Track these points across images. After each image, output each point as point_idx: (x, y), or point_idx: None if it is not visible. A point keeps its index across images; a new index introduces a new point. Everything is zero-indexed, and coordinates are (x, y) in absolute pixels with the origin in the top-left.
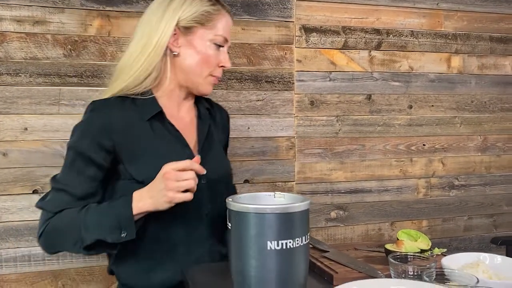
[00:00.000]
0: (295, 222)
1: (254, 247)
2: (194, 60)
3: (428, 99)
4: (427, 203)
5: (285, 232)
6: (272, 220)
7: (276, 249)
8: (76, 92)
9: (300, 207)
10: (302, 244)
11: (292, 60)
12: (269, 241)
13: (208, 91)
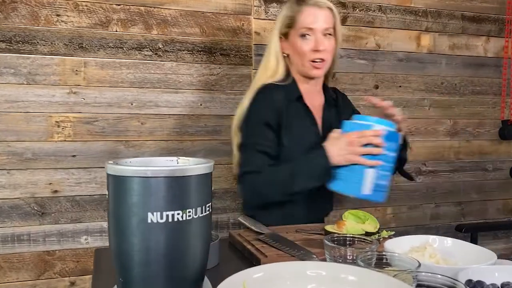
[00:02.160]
0: (187, 188)
1: (133, 220)
2: (294, 55)
3: (395, 79)
4: (392, 189)
5: (172, 201)
6: (155, 186)
7: (160, 222)
8: (4, 59)
9: (195, 170)
10: (196, 217)
11: (250, 32)
12: (151, 212)
13: (315, 74)
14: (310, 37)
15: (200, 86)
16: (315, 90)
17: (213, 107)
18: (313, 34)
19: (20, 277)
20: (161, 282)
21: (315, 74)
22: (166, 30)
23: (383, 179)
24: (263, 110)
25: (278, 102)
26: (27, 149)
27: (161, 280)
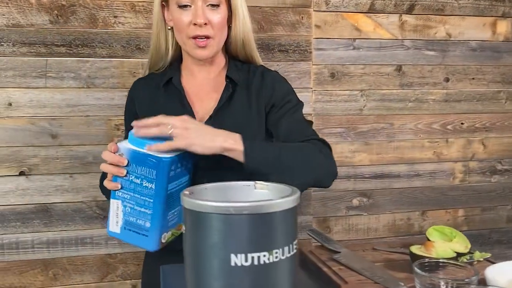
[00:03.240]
0: (274, 227)
1: (214, 262)
2: (175, 28)
3: (468, 71)
4: (464, 190)
5: (257, 242)
6: (238, 225)
7: (244, 266)
8: (65, 63)
9: (282, 204)
10: (284, 258)
11: (310, 25)
12: (234, 254)
13: (198, 55)
14: (190, 7)
15: None
16: (213, 71)
17: None
18: (193, 4)
19: (84, 279)
20: None
21: (199, 54)
22: None
23: (138, 216)
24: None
25: (137, 92)
26: (88, 153)
27: None
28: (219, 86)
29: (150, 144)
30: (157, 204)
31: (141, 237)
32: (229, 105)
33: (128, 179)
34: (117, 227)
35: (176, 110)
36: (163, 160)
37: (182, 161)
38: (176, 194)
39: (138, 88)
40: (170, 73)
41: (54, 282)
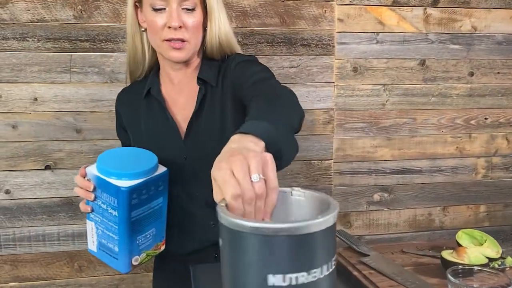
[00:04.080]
0: (312, 246)
1: (251, 281)
2: (148, 30)
3: (493, 65)
4: (486, 185)
5: (296, 263)
6: (276, 246)
7: (282, 286)
8: (89, 58)
9: (320, 224)
10: (322, 276)
11: (333, 19)
12: (272, 274)
13: (173, 57)
14: (165, 10)
15: (279, 79)
16: (189, 73)
17: None
18: (168, 6)
19: (109, 271)
20: None
21: (174, 57)
22: (245, 22)
23: (108, 240)
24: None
25: (122, 107)
26: (112, 147)
27: None
28: (195, 89)
29: (117, 173)
30: (122, 230)
31: (112, 259)
32: (204, 107)
33: (97, 203)
34: (94, 247)
35: (159, 122)
36: (121, 190)
37: (149, 186)
38: (146, 218)
39: (122, 101)
40: (149, 83)
41: (80, 274)
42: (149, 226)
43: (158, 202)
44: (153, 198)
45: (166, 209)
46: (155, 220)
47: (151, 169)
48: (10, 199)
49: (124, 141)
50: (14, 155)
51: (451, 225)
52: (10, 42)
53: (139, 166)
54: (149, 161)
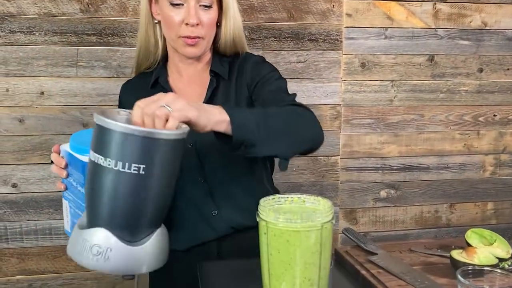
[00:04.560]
0: (111, 140)
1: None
2: (164, 24)
3: (503, 61)
4: (494, 183)
5: (100, 146)
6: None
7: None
8: (95, 52)
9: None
10: (115, 169)
11: (341, 14)
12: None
13: (188, 53)
14: (182, 6)
15: (286, 74)
16: (200, 67)
17: (300, 97)
18: (186, 3)
19: None
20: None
21: (189, 52)
22: (252, 16)
23: (77, 218)
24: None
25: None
26: None
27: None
28: (204, 81)
29: (85, 148)
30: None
31: None
32: (214, 99)
33: (69, 181)
34: (68, 227)
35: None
36: (87, 165)
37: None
38: None
39: (126, 91)
40: (157, 73)
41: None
42: None
43: None
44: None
45: None
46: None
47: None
48: (17, 193)
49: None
50: (21, 149)
51: (458, 223)
52: (17, 35)
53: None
54: None
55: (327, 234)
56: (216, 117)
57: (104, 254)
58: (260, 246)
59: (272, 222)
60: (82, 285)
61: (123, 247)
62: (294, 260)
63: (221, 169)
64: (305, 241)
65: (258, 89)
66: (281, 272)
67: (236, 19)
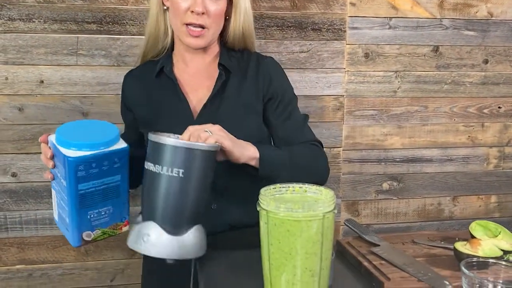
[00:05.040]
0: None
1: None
2: (171, 11)
3: (509, 53)
4: (498, 175)
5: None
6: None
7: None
8: (96, 41)
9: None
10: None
11: (345, 3)
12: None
13: (191, 44)
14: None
15: (289, 65)
16: (207, 59)
17: (302, 87)
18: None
19: (115, 256)
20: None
21: (191, 43)
22: (255, 4)
23: (62, 210)
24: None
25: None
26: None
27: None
28: (212, 74)
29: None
30: (70, 202)
31: (66, 231)
32: (223, 93)
33: (56, 172)
34: (56, 216)
35: (171, 101)
36: (68, 160)
37: (101, 161)
38: (99, 194)
39: (130, 80)
40: (162, 62)
41: (86, 258)
42: (104, 203)
43: (115, 179)
44: (107, 174)
45: (127, 189)
46: (111, 198)
47: (106, 142)
48: (16, 182)
49: (128, 123)
50: (20, 138)
51: (461, 216)
52: (16, 23)
53: (94, 138)
54: (107, 135)
55: (329, 224)
56: (249, 152)
57: (151, 241)
58: (261, 236)
59: (272, 211)
60: (83, 275)
61: (167, 237)
62: (295, 250)
63: (226, 163)
64: (306, 231)
65: (275, 110)
66: (281, 263)
67: (247, 14)
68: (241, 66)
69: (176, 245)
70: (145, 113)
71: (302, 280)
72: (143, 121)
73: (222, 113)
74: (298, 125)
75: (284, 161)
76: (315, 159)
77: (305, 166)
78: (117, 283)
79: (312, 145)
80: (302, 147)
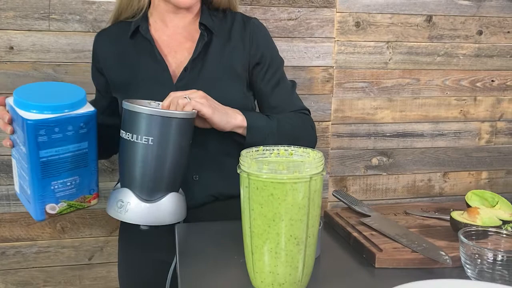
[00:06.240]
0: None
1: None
2: None
3: (503, 24)
4: (489, 151)
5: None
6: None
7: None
8: (69, 4)
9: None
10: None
11: None
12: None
13: (178, 2)
14: None
15: (276, 33)
16: (187, 19)
17: (290, 57)
18: None
19: (93, 233)
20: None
21: (180, 2)
22: None
23: (23, 181)
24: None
25: (100, 49)
26: None
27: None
28: (193, 34)
29: (27, 104)
30: (31, 170)
31: (28, 204)
32: (206, 55)
33: (15, 138)
34: (17, 188)
35: (147, 63)
36: (27, 123)
37: (65, 125)
38: (63, 163)
39: (101, 42)
40: (136, 22)
41: (62, 235)
42: (70, 172)
43: (81, 146)
44: (72, 140)
45: (95, 158)
46: (78, 167)
47: (70, 105)
48: None
49: (99, 87)
50: None
51: (451, 192)
52: None
53: (57, 100)
54: (72, 97)
55: (317, 188)
56: (236, 121)
57: (125, 207)
58: (241, 201)
59: (254, 173)
60: (59, 253)
61: (139, 203)
62: (278, 216)
63: (209, 132)
64: (291, 194)
65: (264, 75)
66: (264, 230)
67: None
68: (224, 26)
69: (151, 212)
70: (119, 77)
71: (287, 249)
72: (116, 85)
73: (204, 77)
74: (287, 93)
75: (272, 130)
76: (303, 129)
77: (293, 135)
78: (95, 261)
79: (301, 114)
80: (291, 116)
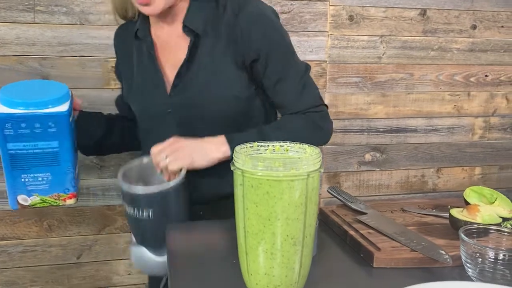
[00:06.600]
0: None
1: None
2: None
3: (497, 18)
4: (483, 147)
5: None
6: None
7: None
8: None
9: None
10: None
11: None
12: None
13: (143, 11)
14: None
15: None
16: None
17: None
18: None
19: (81, 231)
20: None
21: (143, 10)
22: None
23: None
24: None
25: (116, 46)
26: (83, 97)
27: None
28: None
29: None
30: (3, 161)
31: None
32: (195, 58)
33: None
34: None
35: (146, 69)
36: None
37: (32, 122)
38: (32, 158)
39: (118, 39)
40: (138, 24)
41: (49, 234)
42: (40, 168)
43: (51, 145)
44: (40, 137)
45: (69, 158)
46: (48, 165)
47: (39, 103)
48: None
49: (119, 79)
50: None
51: (445, 188)
52: None
53: (30, 97)
54: (46, 96)
55: (314, 185)
56: (213, 154)
57: (142, 262)
58: (235, 200)
59: (249, 170)
60: (46, 252)
61: (152, 258)
62: (274, 215)
63: (201, 130)
64: (288, 192)
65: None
66: (259, 230)
67: None
68: (214, 22)
69: (161, 265)
70: (127, 78)
71: (283, 249)
72: (125, 86)
73: (196, 83)
74: (291, 90)
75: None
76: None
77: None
78: (84, 260)
79: (307, 115)
80: (291, 121)
